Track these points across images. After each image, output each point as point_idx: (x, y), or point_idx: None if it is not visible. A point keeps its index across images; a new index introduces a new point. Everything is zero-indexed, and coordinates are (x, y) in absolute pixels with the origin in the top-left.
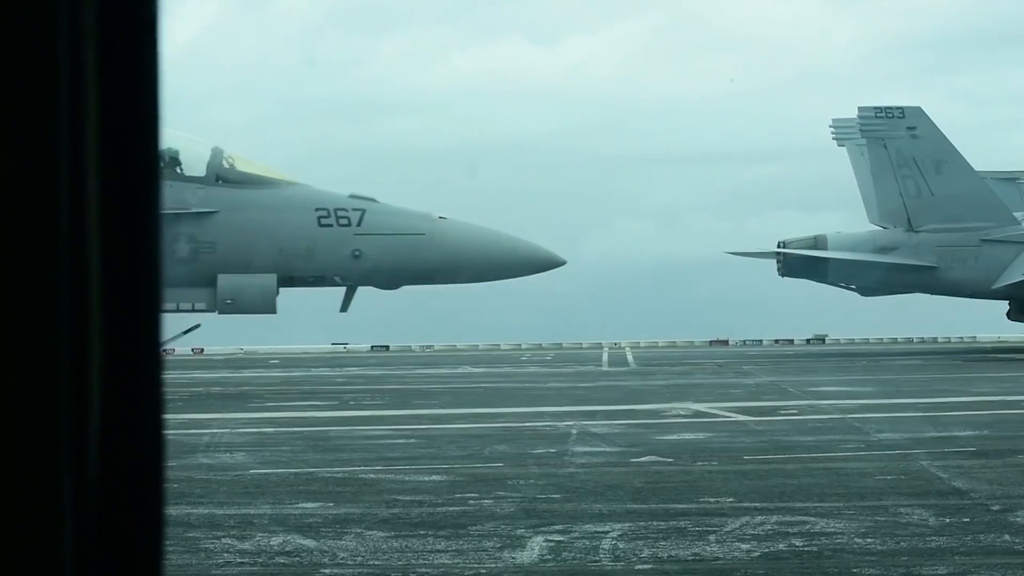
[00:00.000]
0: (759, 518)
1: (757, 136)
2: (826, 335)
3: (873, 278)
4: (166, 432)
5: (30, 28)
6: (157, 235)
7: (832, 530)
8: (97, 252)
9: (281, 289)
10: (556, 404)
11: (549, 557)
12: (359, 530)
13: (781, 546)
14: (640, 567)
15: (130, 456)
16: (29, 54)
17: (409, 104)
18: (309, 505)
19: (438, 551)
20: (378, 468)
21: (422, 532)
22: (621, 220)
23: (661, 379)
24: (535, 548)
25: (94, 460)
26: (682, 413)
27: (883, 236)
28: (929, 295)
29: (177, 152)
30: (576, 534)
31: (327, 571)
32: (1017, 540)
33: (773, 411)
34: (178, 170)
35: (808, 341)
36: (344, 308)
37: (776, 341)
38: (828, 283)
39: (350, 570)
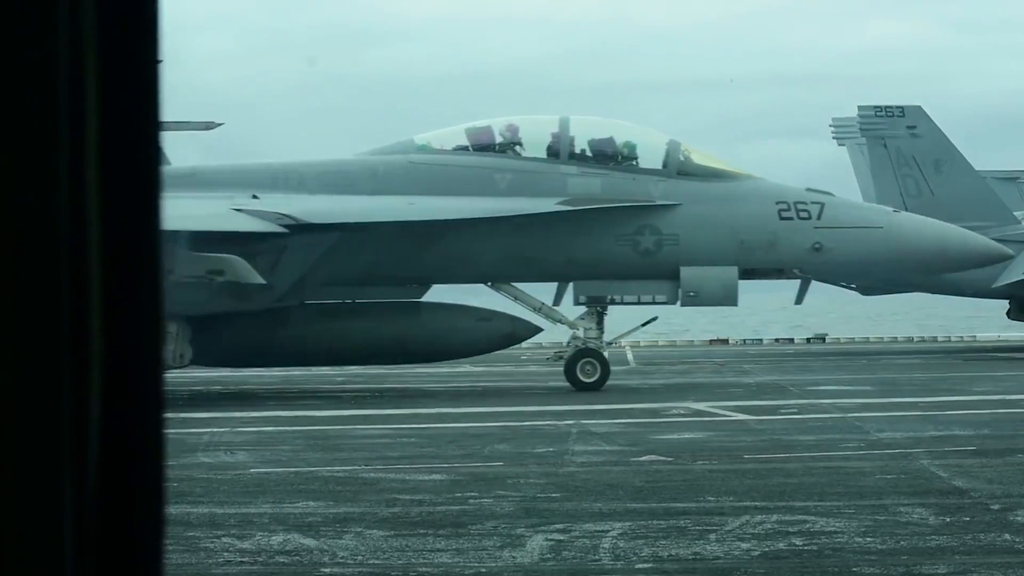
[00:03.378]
0: (759, 517)
1: (747, 62)
2: (826, 334)
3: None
4: (166, 431)
5: (30, 28)
6: (157, 235)
7: (832, 529)
8: (97, 252)
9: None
10: (556, 403)
11: (549, 556)
12: (359, 529)
13: (781, 545)
14: (640, 566)
15: (130, 456)
16: (29, 54)
17: (395, 33)
18: (309, 504)
19: (438, 550)
20: (378, 467)
21: (422, 531)
22: None
23: (661, 378)
24: (535, 547)
25: (94, 460)
26: (682, 412)
27: None
28: (930, 294)
29: (635, 146)
30: (576, 533)
31: (327, 570)
32: (1017, 539)
33: (773, 410)
34: (635, 163)
35: (808, 340)
36: (799, 301)
37: (776, 340)
38: (828, 282)
39: (350, 569)
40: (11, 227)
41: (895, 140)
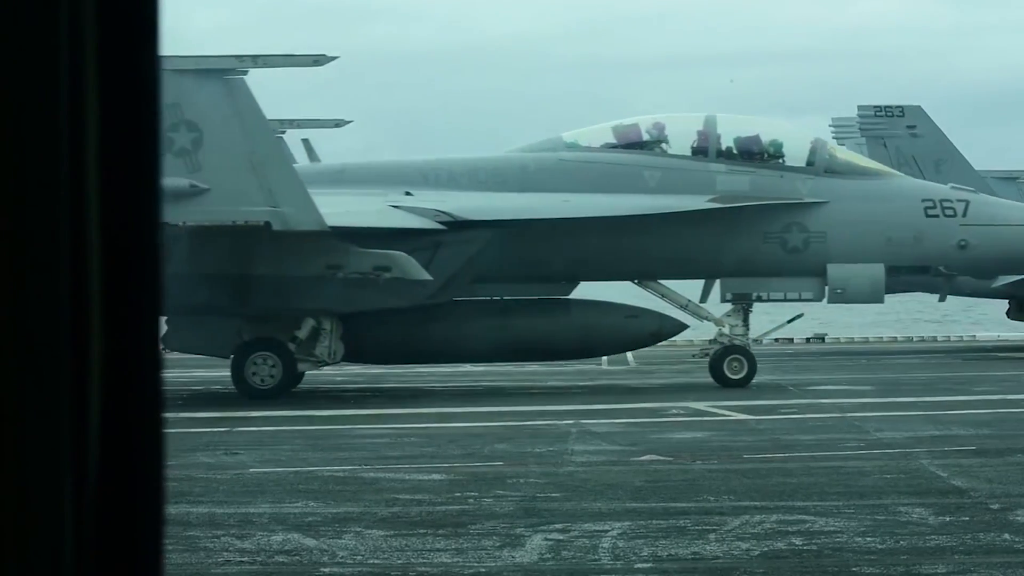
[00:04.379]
0: (759, 517)
1: (740, 39)
2: (825, 334)
3: None
4: (166, 431)
5: (30, 28)
6: (157, 235)
7: (832, 529)
8: (97, 252)
9: None
10: (556, 403)
11: (549, 556)
12: (359, 529)
13: (781, 545)
14: (640, 566)
15: (130, 456)
16: (29, 54)
17: (391, 8)
18: (309, 504)
19: (438, 550)
20: (378, 467)
21: (422, 531)
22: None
23: (661, 378)
24: (535, 547)
25: (94, 460)
26: (682, 412)
27: None
28: (929, 294)
29: (781, 144)
30: (576, 533)
31: (327, 570)
32: (1017, 539)
33: (773, 410)
34: (781, 161)
35: (808, 340)
36: (942, 299)
37: (776, 340)
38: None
39: (350, 569)
40: (11, 227)
41: (895, 140)
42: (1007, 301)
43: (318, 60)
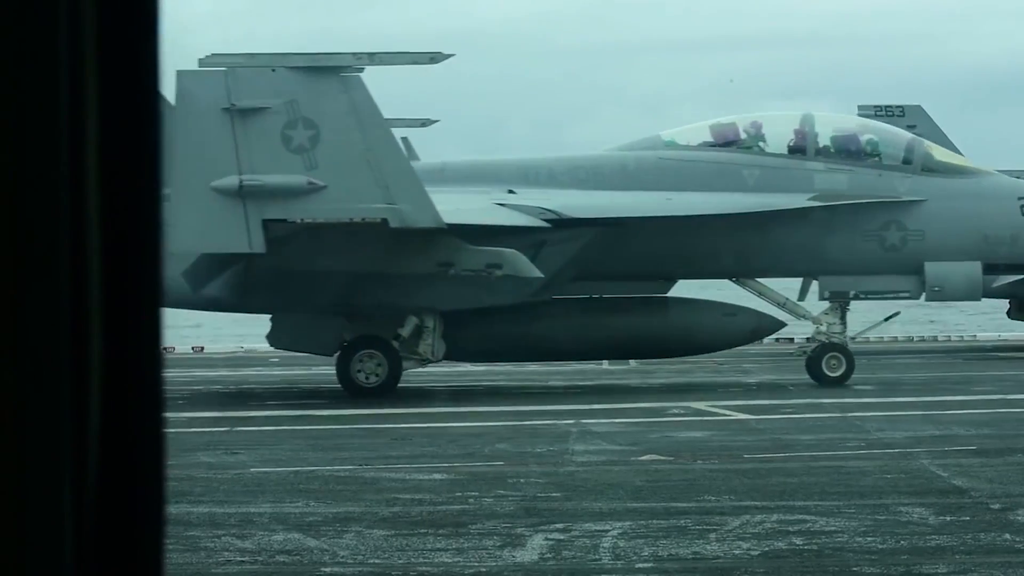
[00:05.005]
0: (759, 517)
1: (739, 22)
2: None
3: None
4: (166, 431)
5: (30, 28)
6: (158, 234)
7: (832, 529)
8: (97, 252)
9: None
10: (556, 403)
11: (549, 556)
12: (359, 528)
13: (781, 545)
14: (640, 566)
15: (130, 456)
16: (29, 54)
17: None
18: (309, 503)
19: (438, 549)
20: (378, 466)
21: (422, 531)
22: (606, 109)
23: (661, 377)
24: (535, 547)
25: (94, 460)
26: (682, 412)
27: None
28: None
29: (877, 142)
30: (576, 533)
31: (327, 570)
32: (1017, 539)
33: (773, 409)
34: (878, 159)
35: (808, 340)
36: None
37: (776, 340)
38: None
39: (350, 568)
40: (11, 227)
41: None
42: (1007, 301)
43: (434, 58)
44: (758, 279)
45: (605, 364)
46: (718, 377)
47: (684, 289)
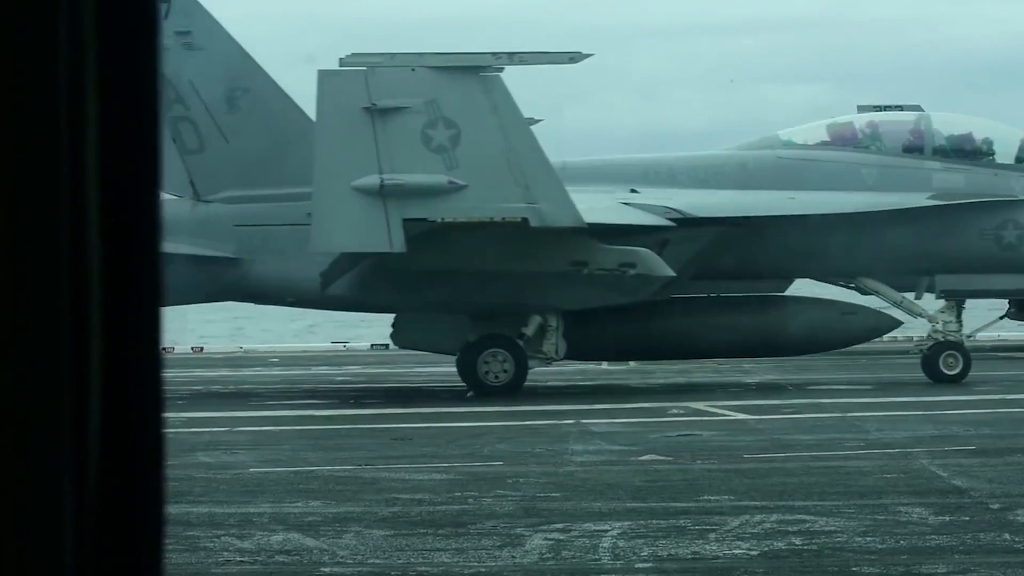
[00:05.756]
0: (759, 517)
1: (737, 7)
2: None
3: None
4: (166, 431)
5: (30, 28)
6: (157, 235)
7: (832, 529)
8: (97, 252)
9: None
10: (556, 403)
11: (549, 556)
12: (359, 528)
13: (781, 545)
14: (640, 566)
15: (130, 456)
16: (29, 54)
17: None
18: (309, 504)
19: (438, 549)
20: (378, 466)
21: (422, 531)
22: (600, 93)
23: (661, 377)
24: (535, 547)
25: (94, 460)
26: (682, 412)
27: None
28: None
29: (992, 141)
30: (576, 533)
31: (327, 570)
32: (1017, 539)
33: (773, 409)
34: (993, 158)
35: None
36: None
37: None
38: None
39: (350, 569)
40: (11, 227)
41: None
42: (1007, 301)
43: (574, 58)
44: (874, 278)
45: (605, 364)
46: (718, 377)
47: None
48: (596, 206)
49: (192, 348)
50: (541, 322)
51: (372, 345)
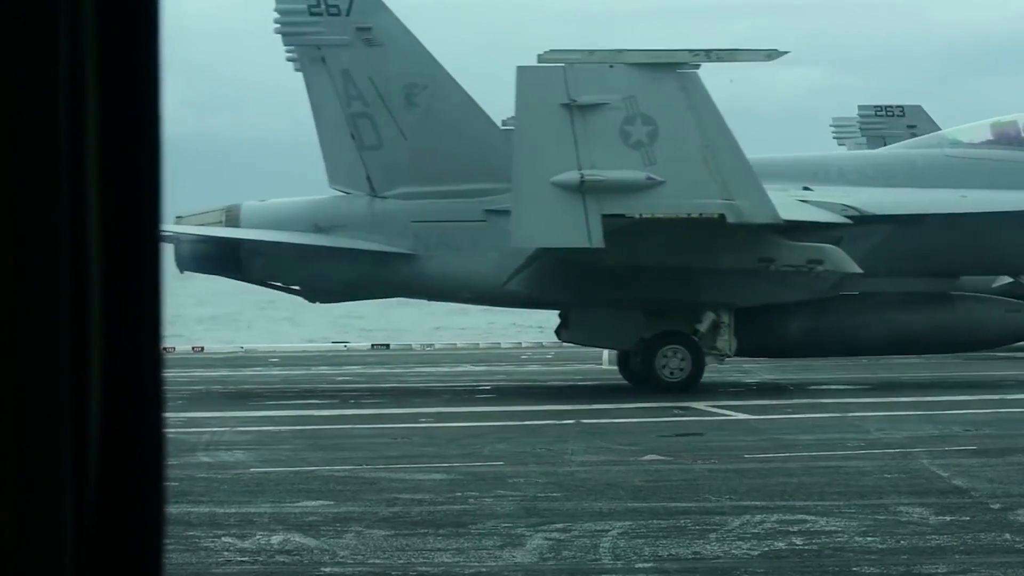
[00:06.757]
0: (759, 517)
1: None
2: None
3: None
4: (166, 431)
5: (30, 28)
6: (157, 235)
7: (832, 528)
8: (97, 252)
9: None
10: (556, 402)
11: (549, 556)
12: (359, 529)
13: (781, 545)
14: (640, 566)
15: (130, 456)
16: (29, 54)
17: None
18: (309, 504)
19: (438, 550)
20: (379, 466)
21: (422, 531)
22: None
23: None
24: (535, 547)
25: (94, 460)
26: (682, 411)
27: None
28: None
29: None
30: (576, 532)
31: (327, 570)
32: (1017, 539)
33: (773, 409)
34: None
35: None
36: None
37: None
38: None
39: (350, 569)
40: (11, 227)
41: (895, 139)
42: None
43: (771, 55)
44: None
45: (605, 364)
46: (718, 377)
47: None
48: (779, 203)
49: (192, 348)
50: (715, 319)
51: (372, 345)
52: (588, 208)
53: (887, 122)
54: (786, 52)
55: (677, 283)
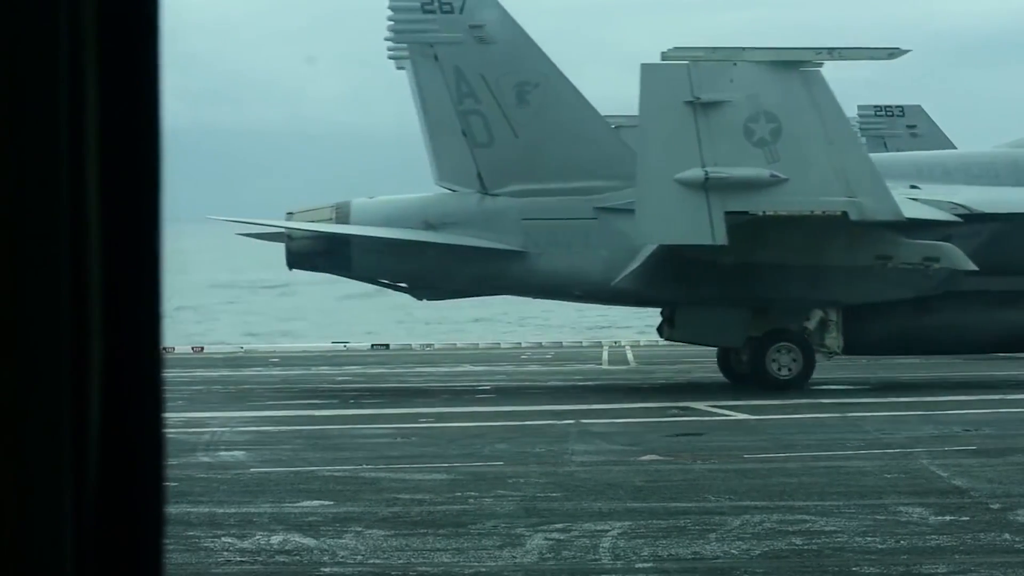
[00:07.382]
0: (759, 517)
1: None
2: None
3: None
4: (166, 431)
5: (30, 28)
6: (157, 235)
7: (832, 528)
8: (97, 252)
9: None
10: (556, 403)
11: (549, 555)
12: (359, 529)
13: (781, 544)
14: (640, 565)
15: (130, 456)
16: (29, 54)
17: None
18: (309, 504)
19: (438, 550)
20: (379, 467)
21: (422, 531)
22: (589, 68)
23: (661, 377)
24: (535, 546)
25: (94, 460)
26: (682, 412)
27: None
28: None
29: None
30: (576, 532)
31: (327, 570)
32: (1017, 539)
33: (773, 409)
34: None
35: None
36: None
37: None
38: None
39: (350, 569)
40: (11, 227)
41: (895, 139)
42: None
43: (892, 53)
44: None
45: (605, 364)
46: (718, 377)
47: None
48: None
49: (192, 348)
50: (823, 316)
51: (372, 345)
52: (712, 205)
53: (887, 122)
54: (908, 51)
55: (793, 281)
